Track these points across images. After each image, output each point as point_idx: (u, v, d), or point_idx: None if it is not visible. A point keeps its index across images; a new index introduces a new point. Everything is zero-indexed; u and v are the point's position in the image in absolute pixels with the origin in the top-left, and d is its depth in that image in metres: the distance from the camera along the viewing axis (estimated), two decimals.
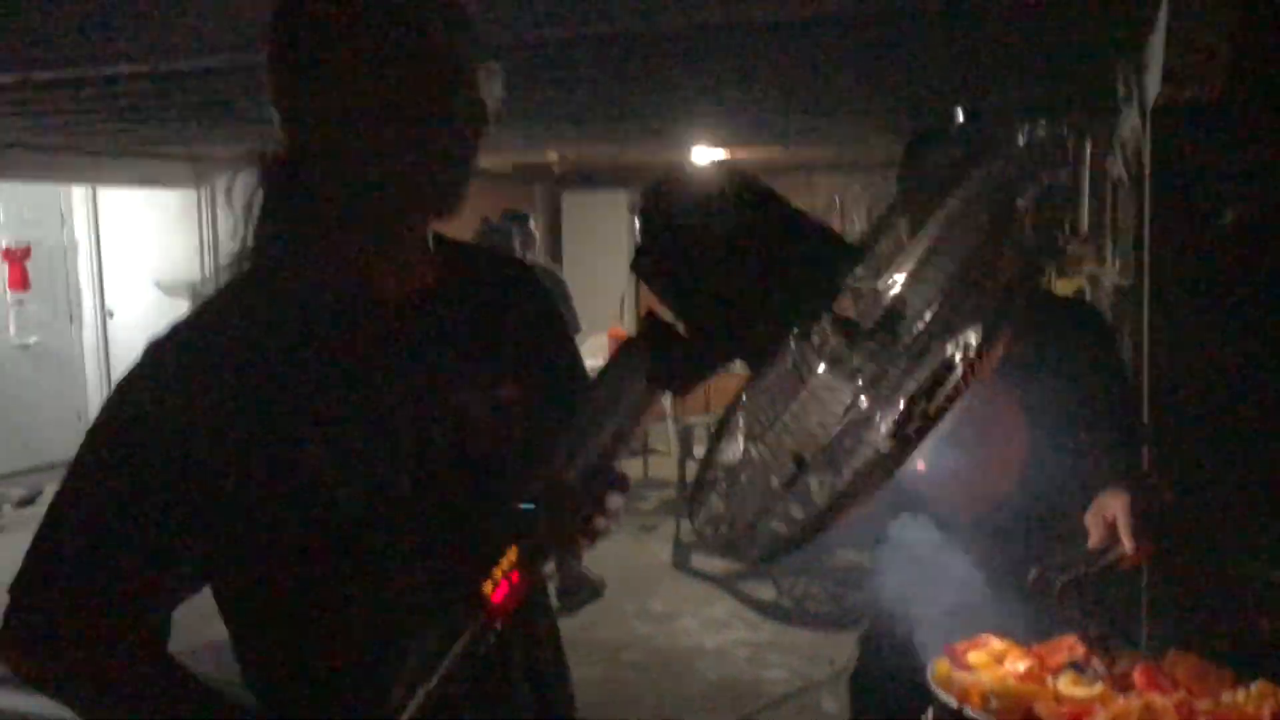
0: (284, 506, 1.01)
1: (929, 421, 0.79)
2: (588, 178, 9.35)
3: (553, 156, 7.84)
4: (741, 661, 4.45)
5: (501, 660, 1.10)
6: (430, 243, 1.13)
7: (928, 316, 0.86)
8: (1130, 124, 3.28)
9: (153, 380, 1.01)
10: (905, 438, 0.79)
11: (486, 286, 1.19)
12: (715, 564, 5.56)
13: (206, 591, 1.08)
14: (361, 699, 0.97)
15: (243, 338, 1.02)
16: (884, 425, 0.83)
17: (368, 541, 1.04)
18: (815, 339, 0.90)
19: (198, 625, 1.24)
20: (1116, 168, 3.81)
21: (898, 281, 0.87)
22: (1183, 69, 2.60)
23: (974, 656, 1.37)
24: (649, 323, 0.97)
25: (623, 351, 0.99)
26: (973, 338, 0.81)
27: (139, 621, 1.02)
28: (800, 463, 0.89)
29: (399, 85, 0.99)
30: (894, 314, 0.89)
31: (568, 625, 4.71)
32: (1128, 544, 1.56)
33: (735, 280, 0.93)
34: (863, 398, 0.86)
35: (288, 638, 1.06)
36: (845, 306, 0.90)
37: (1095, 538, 1.61)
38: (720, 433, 0.98)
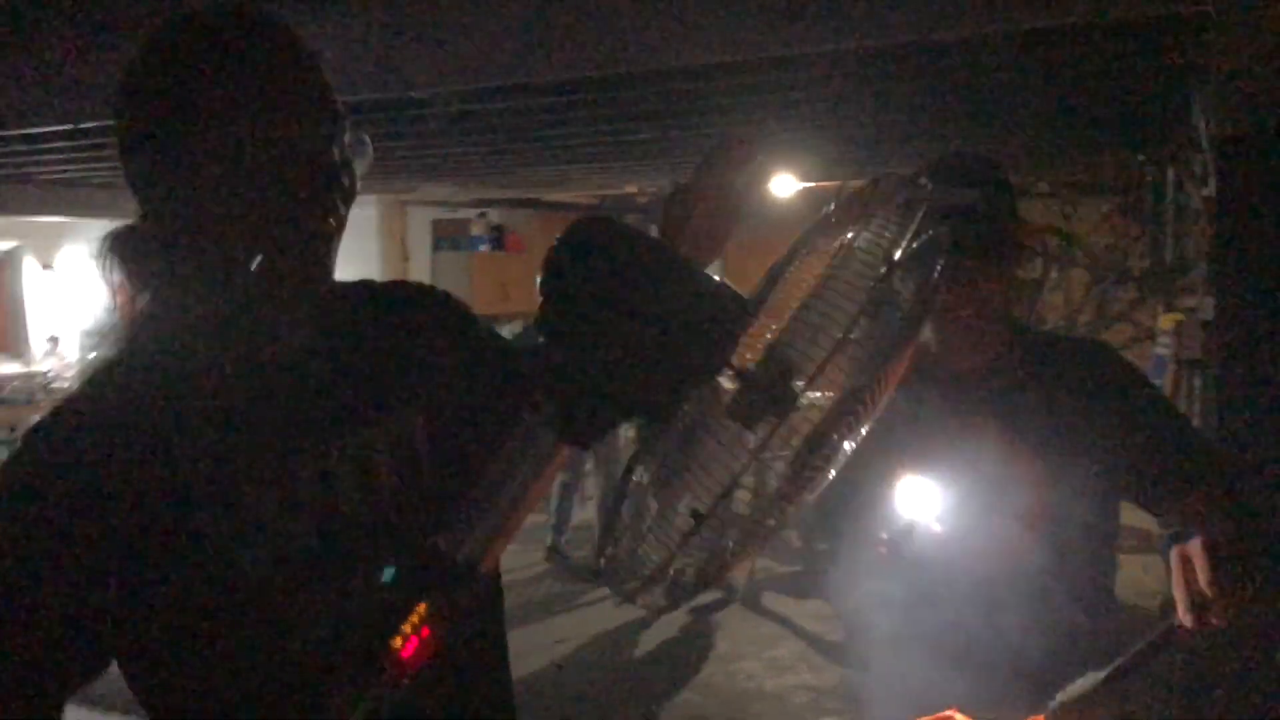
0: (184, 575, 0.99)
1: (823, 464, 0.80)
2: None
3: (633, 188, 7.89)
4: (799, 707, 4.33)
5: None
6: (321, 292, 1.10)
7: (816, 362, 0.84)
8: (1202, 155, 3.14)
9: (32, 466, 1.00)
10: (801, 480, 0.79)
11: (384, 322, 1.16)
12: (787, 604, 5.46)
13: None
14: None
15: (125, 413, 1.01)
16: (780, 469, 0.82)
17: (274, 602, 1.02)
18: (711, 391, 0.86)
19: None
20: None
21: (787, 329, 0.83)
22: (1246, 99, 2.48)
23: None
24: (552, 374, 0.94)
25: (527, 405, 0.96)
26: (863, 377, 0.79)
27: (36, 711, 0.99)
28: (697, 516, 0.86)
29: (259, 170, 0.97)
30: (784, 362, 0.85)
31: (629, 662, 4.65)
32: (1205, 585, 1.24)
33: (636, 332, 0.89)
34: (759, 443, 0.83)
35: (196, 705, 1.05)
36: (740, 358, 0.86)
37: (1179, 579, 1.28)
38: (624, 486, 0.94)
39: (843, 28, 2.90)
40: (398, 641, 0.97)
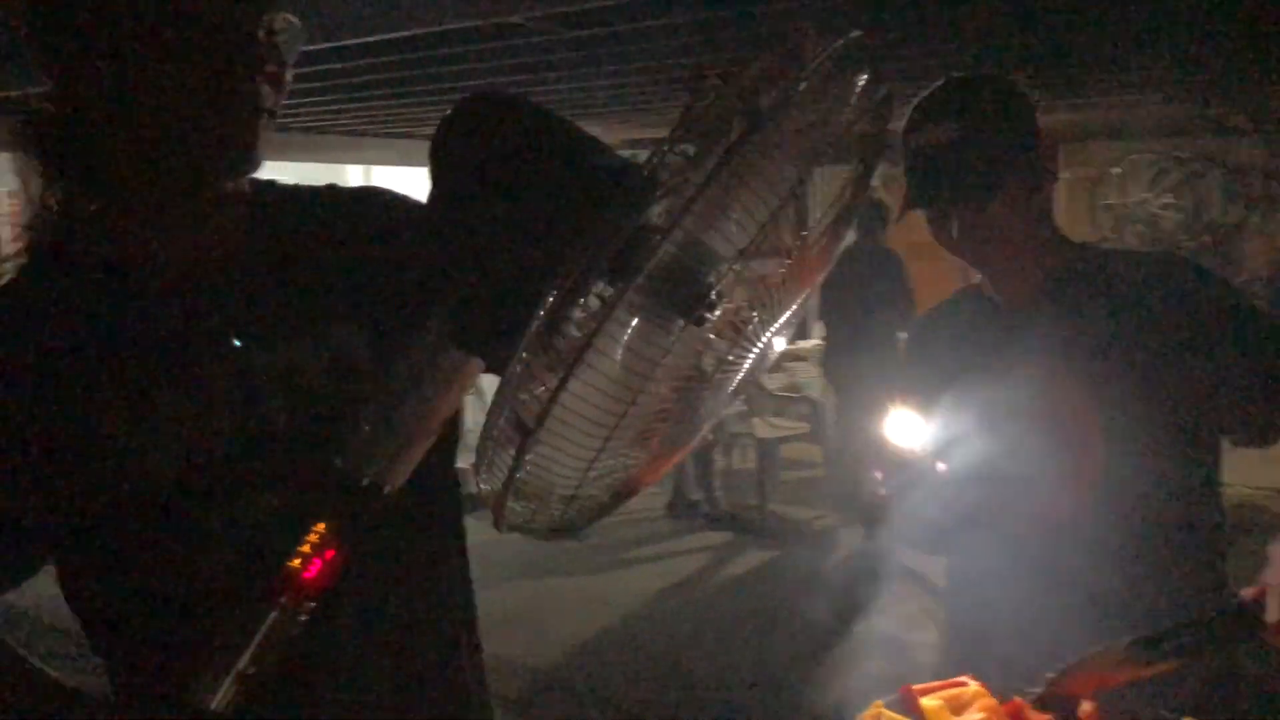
0: (95, 475, 0.97)
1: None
2: None
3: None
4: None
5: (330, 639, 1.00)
6: (243, 189, 1.04)
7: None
8: None
9: None
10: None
11: (327, 227, 1.08)
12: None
13: None
14: (175, 681, 0.91)
15: (39, 314, 0.98)
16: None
17: (184, 511, 0.98)
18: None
19: None
20: None
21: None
22: None
23: (927, 701, 1.12)
24: (451, 282, 0.84)
25: (432, 317, 0.87)
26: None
27: None
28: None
29: (180, 39, 0.91)
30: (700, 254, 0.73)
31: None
32: None
33: (525, 226, 0.78)
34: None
35: (112, 611, 1.02)
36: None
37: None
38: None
39: None
40: (296, 562, 0.91)
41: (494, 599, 4.90)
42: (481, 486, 0.75)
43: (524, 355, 0.68)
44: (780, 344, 0.81)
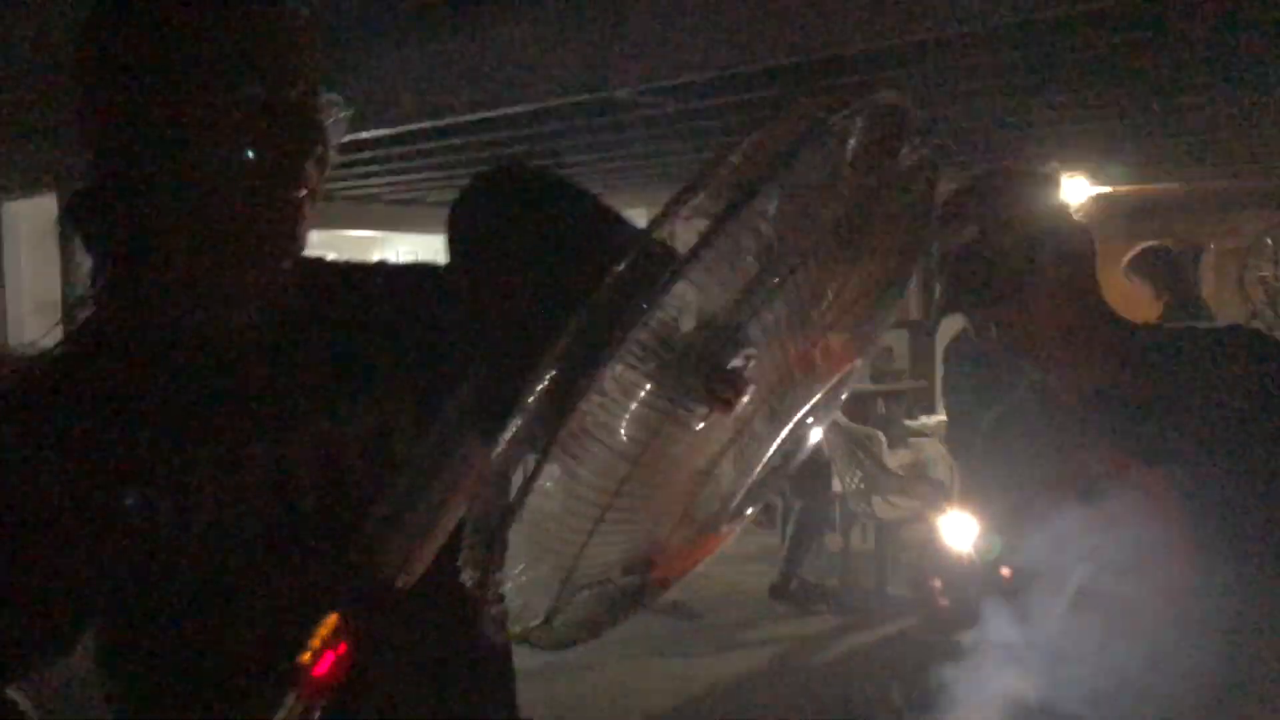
0: (131, 556, 0.94)
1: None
2: None
3: None
4: None
5: None
6: (287, 266, 1.02)
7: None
8: None
9: None
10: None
11: (357, 306, 1.05)
12: None
13: None
14: None
15: (83, 391, 0.97)
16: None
17: (214, 594, 0.95)
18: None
19: None
20: None
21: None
22: None
23: None
24: (472, 359, 0.79)
25: (451, 398, 0.82)
26: None
27: None
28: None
29: (225, 129, 0.90)
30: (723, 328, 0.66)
31: None
32: None
33: (539, 302, 0.73)
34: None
35: (148, 692, 1.00)
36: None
37: None
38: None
39: None
40: (307, 657, 0.87)
41: (591, 679, 4.82)
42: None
43: (505, 438, 0.62)
44: (816, 434, 0.73)
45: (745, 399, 0.67)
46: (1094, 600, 1.19)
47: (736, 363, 0.67)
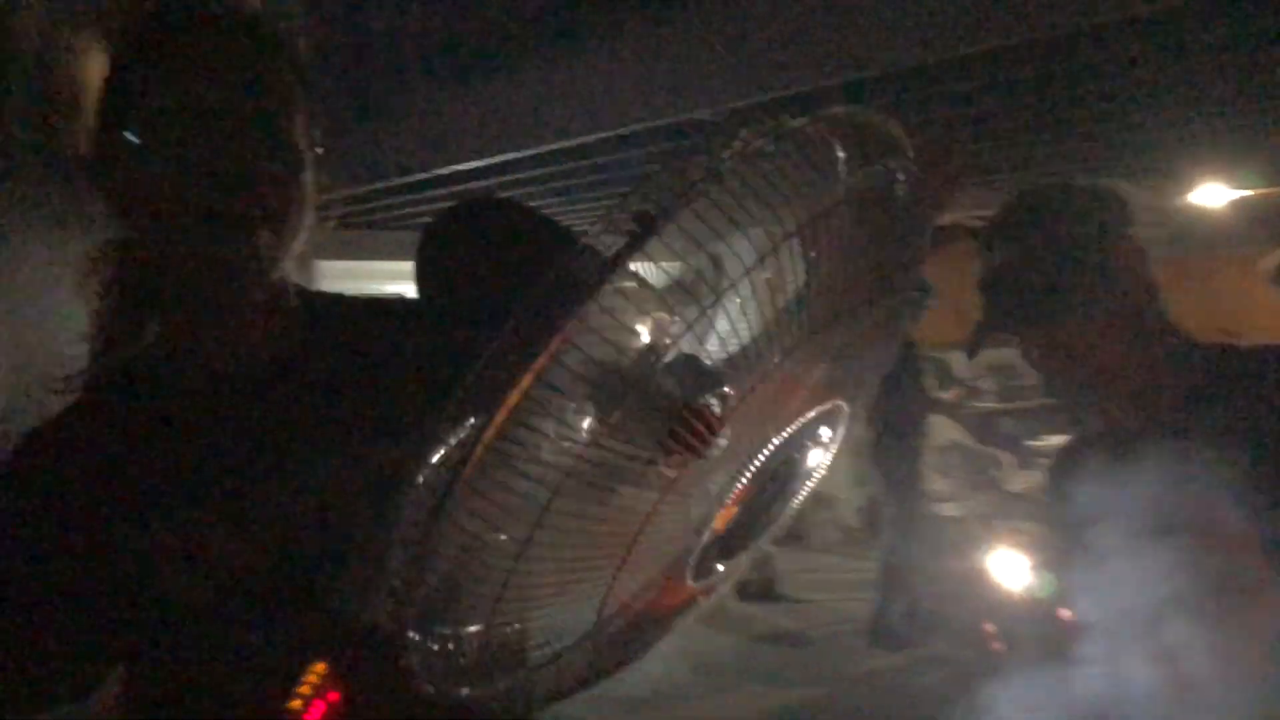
0: (143, 595, 0.94)
1: None
2: None
3: None
4: None
5: None
6: (288, 299, 1.01)
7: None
8: None
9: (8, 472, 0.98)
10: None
11: (360, 340, 1.03)
12: None
13: None
14: None
15: (100, 432, 0.98)
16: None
17: (219, 634, 0.93)
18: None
19: None
20: None
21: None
22: None
23: None
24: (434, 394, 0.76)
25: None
26: None
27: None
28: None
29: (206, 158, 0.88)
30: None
31: None
32: None
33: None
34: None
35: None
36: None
37: None
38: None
39: None
40: (296, 703, 0.84)
41: (693, 708, 4.70)
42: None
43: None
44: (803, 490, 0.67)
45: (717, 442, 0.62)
46: (1165, 648, 1.08)
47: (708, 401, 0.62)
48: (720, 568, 0.67)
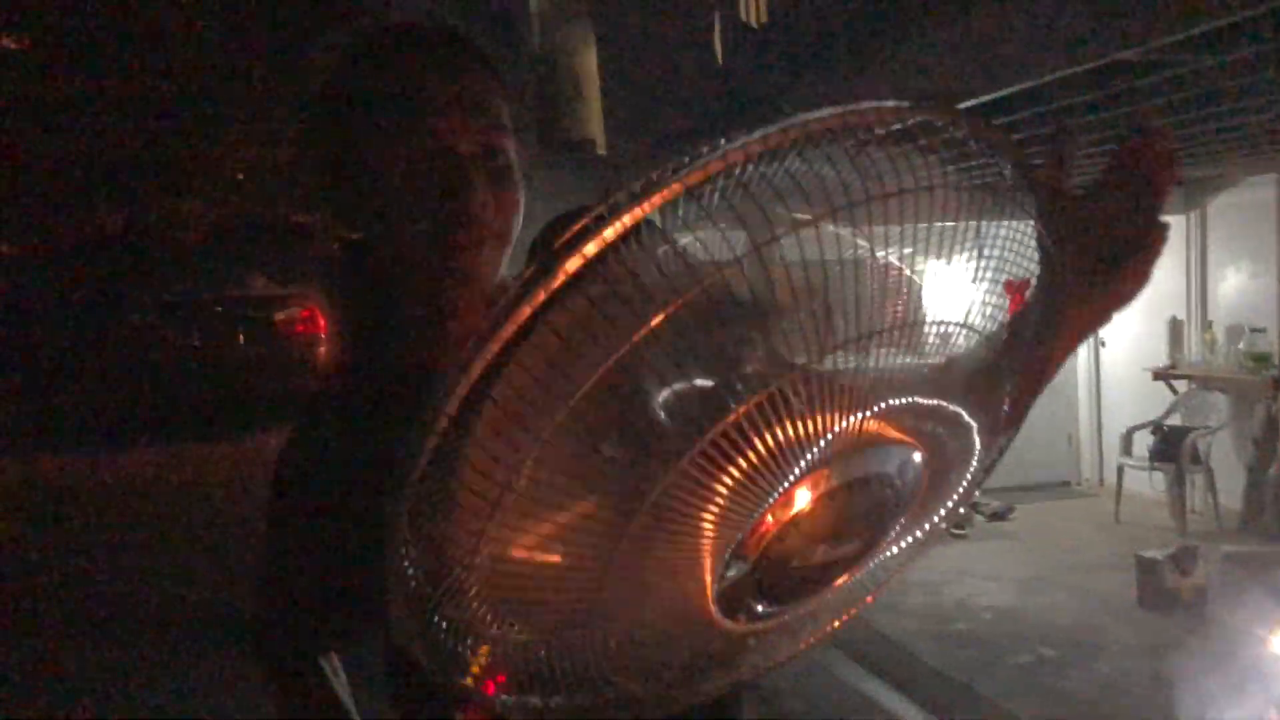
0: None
1: None
2: None
3: None
4: None
5: None
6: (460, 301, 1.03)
7: None
8: None
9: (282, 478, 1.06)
10: None
11: None
12: None
13: None
14: None
15: (339, 421, 1.03)
16: None
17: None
18: None
19: None
20: None
21: None
22: None
23: None
24: None
25: None
26: None
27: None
28: None
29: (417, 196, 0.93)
30: None
31: None
32: None
33: None
34: None
35: None
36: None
37: None
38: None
39: None
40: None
41: None
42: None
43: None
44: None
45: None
46: None
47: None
48: (759, 608, 0.60)
